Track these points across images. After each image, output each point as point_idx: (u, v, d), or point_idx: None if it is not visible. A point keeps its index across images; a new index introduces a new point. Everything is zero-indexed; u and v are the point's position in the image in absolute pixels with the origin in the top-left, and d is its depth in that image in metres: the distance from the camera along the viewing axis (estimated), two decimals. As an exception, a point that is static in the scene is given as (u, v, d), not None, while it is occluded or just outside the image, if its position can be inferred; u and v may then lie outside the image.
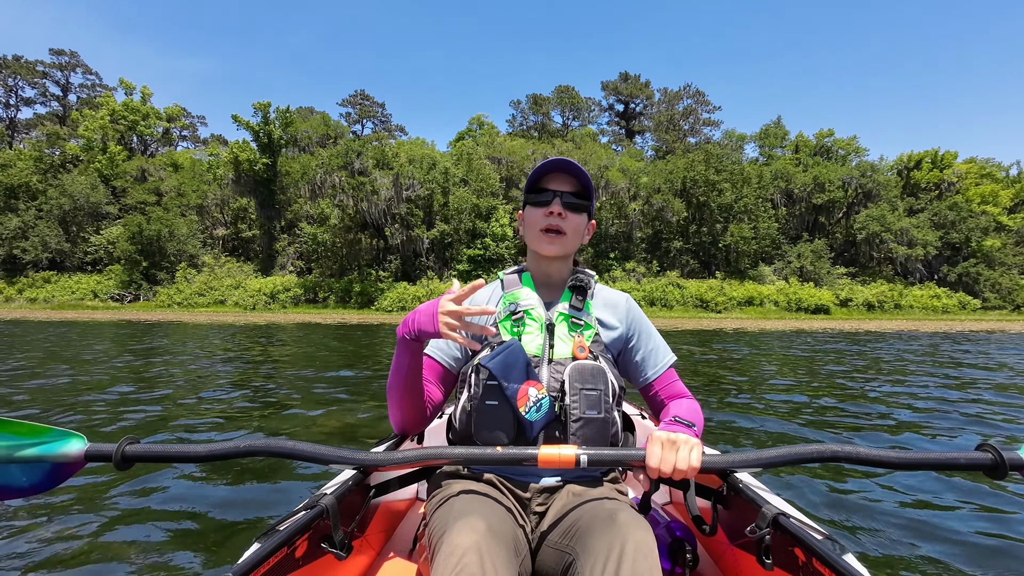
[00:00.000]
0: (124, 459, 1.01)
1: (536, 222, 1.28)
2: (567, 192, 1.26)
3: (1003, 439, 3.95)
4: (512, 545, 0.97)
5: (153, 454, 1.03)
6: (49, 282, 41.28)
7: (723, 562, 1.30)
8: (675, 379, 1.34)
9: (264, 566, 0.84)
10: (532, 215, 1.29)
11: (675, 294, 38.34)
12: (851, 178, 45.79)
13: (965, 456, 0.98)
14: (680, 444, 0.99)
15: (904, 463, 0.98)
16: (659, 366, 1.33)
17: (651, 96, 65.33)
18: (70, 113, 54.88)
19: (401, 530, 1.57)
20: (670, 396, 1.33)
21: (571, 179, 1.28)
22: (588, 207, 1.29)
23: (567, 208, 1.26)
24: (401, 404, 1.23)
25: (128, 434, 1.10)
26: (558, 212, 1.24)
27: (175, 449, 1.04)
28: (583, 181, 1.27)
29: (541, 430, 1.17)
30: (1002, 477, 0.97)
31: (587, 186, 1.27)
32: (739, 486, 1.15)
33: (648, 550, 0.89)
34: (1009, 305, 41.59)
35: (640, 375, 1.34)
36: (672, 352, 1.37)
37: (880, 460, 0.98)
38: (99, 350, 10.18)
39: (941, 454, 0.99)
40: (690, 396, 1.33)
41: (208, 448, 1.03)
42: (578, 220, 1.28)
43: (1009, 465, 0.95)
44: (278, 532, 0.90)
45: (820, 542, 0.90)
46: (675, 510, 1.74)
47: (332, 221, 39.85)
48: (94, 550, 2.03)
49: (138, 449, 1.02)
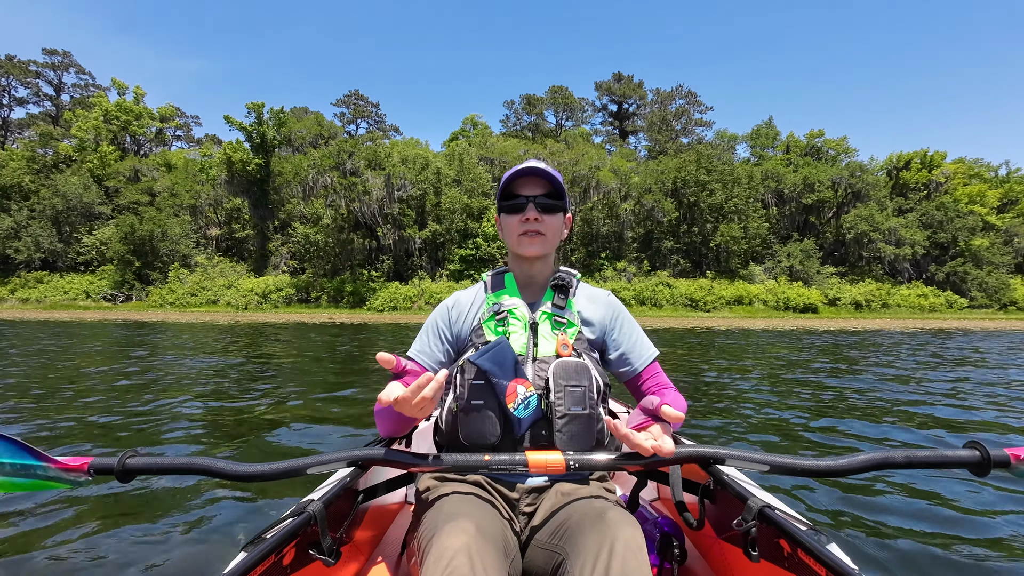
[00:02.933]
0: (125, 471, 1.01)
1: (514, 228, 1.30)
2: (540, 195, 1.28)
3: (948, 432, 4.07)
4: (502, 546, 0.97)
5: (154, 466, 1.02)
6: (42, 282, 41.32)
7: (711, 556, 1.31)
8: (658, 372, 1.36)
9: (251, 575, 0.83)
10: (508, 222, 1.31)
11: (665, 293, 38.64)
12: (841, 178, 46.20)
13: (954, 454, 0.99)
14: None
15: (893, 463, 0.98)
16: (642, 359, 1.35)
17: (644, 96, 65.63)
18: (63, 113, 54.83)
19: (390, 534, 1.56)
20: (655, 388, 1.34)
21: (542, 181, 1.29)
22: (562, 205, 1.31)
23: (542, 211, 1.28)
24: (390, 426, 1.27)
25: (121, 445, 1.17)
26: (534, 218, 1.27)
27: (173, 462, 1.03)
28: (554, 182, 1.28)
29: (528, 428, 1.18)
30: (986, 474, 0.98)
31: (558, 186, 1.29)
32: (725, 480, 1.16)
33: (637, 547, 0.90)
34: (996, 304, 42.03)
35: (624, 369, 1.36)
36: (654, 347, 1.40)
37: (869, 465, 0.98)
38: (82, 351, 10.36)
39: (930, 453, 0.99)
40: (674, 388, 1.35)
41: (206, 464, 1.02)
42: (554, 220, 1.30)
43: (994, 463, 0.97)
44: (265, 540, 0.90)
45: (805, 533, 0.92)
46: (663, 506, 1.75)
47: (325, 221, 40.02)
48: (79, 559, 2.03)
49: (139, 462, 1.02)
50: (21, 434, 3.75)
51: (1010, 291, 42.31)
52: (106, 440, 3.71)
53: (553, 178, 1.27)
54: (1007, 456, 0.97)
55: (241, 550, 0.89)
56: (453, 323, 1.34)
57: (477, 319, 1.31)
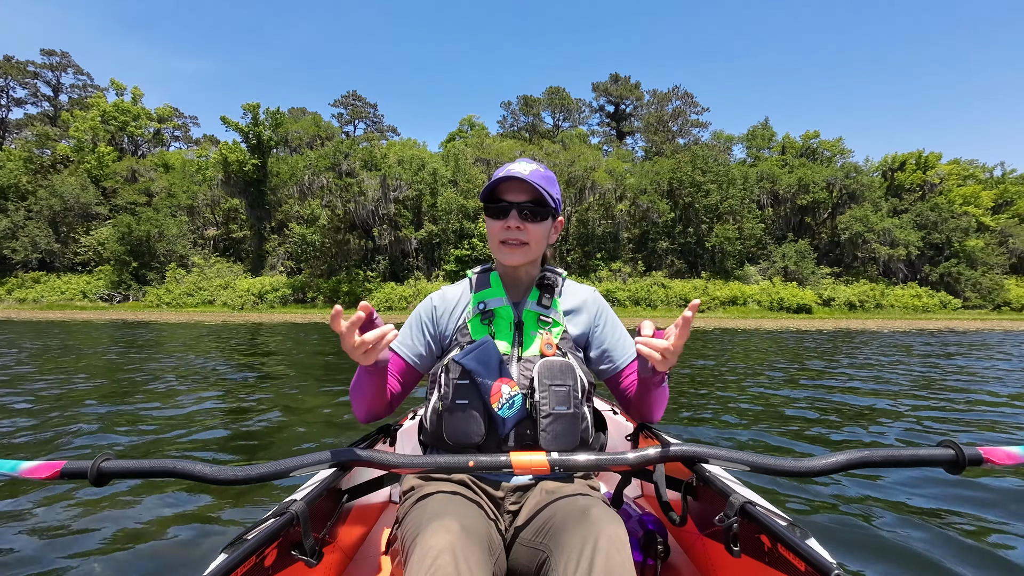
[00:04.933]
0: (100, 476, 0.98)
1: (496, 234, 1.27)
2: (524, 203, 1.24)
3: (921, 431, 4.17)
4: (486, 545, 0.97)
5: (129, 470, 1.00)
6: (39, 282, 41.42)
7: (693, 552, 1.32)
8: None
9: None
10: (491, 226, 1.28)
11: (659, 294, 38.82)
12: (836, 179, 46.38)
13: (928, 453, 1.01)
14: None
15: (870, 462, 1.00)
16: (626, 356, 1.35)
17: (641, 98, 65.82)
18: (61, 114, 54.97)
19: (374, 534, 1.55)
20: (636, 385, 1.34)
21: (528, 188, 1.24)
22: (549, 212, 1.27)
23: (525, 219, 1.24)
24: (364, 404, 1.26)
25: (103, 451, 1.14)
26: (516, 226, 1.24)
27: (150, 465, 1.01)
28: (541, 188, 1.23)
29: (512, 427, 1.18)
30: (960, 472, 1.00)
31: (546, 192, 1.24)
32: (708, 476, 1.16)
33: (620, 543, 0.90)
34: (989, 304, 42.17)
35: (606, 366, 1.36)
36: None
37: (847, 465, 1.00)
38: (60, 351, 10.48)
39: (905, 451, 1.01)
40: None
41: (185, 467, 1.00)
42: (539, 228, 1.26)
43: (968, 461, 0.99)
44: (246, 541, 0.89)
45: (785, 528, 0.93)
46: (647, 503, 1.76)
47: (321, 222, 40.17)
48: (53, 560, 2.01)
49: (114, 465, 0.99)
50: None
51: (1004, 291, 42.46)
52: (85, 444, 3.70)
53: (540, 184, 1.22)
54: (980, 455, 1.00)
55: (221, 551, 0.88)
56: (437, 320, 1.33)
57: (462, 318, 1.30)
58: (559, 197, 1.30)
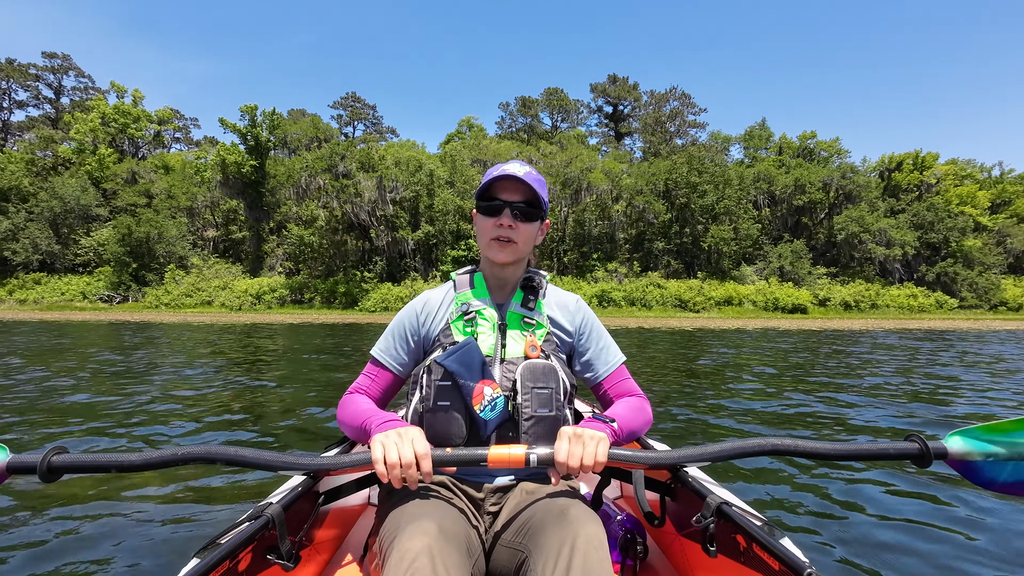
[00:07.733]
0: (50, 470, 0.93)
1: (487, 231, 1.27)
2: (517, 202, 1.25)
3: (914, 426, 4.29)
4: (465, 547, 0.98)
5: (83, 464, 0.95)
6: (39, 284, 41.74)
7: (671, 552, 1.33)
8: (625, 377, 1.36)
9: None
10: (483, 223, 1.29)
11: (655, 294, 38.89)
12: (832, 180, 46.40)
13: (895, 447, 1.03)
14: (586, 439, 1.03)
15: (840, 455, 1.03)
16: (609, 365, 1.35)
17: (639, 98, 65.88)
18: (62, 116, 55.34)
19: (352, 536, 1.53)
20: (619, 394, 1.34)
21: (522, 188, 1.26)
22: (540, 214, 1.29)
23: (517, 218, 1.25)
24: (352, 434, 1.25)
25: (56, 443, 1.09)
26: (508, 224, 1.25)
27: (107, 459, 0.96)
28: (534, 189, 1.26)
29: (494, 430, 1.18)
30: (927, 465, 1.02)
31: (538, 194, 1.26)
32: (686, 478, 1.18)
33: (599, 543, 0.92)
34: (986, 304, 42.12)
35: (590, 374, 1.36)
36: (621, 352, 1.39)
37: (817, 452, 1.03)
38: (50, 349, 10.66)
39: (873, 446, 1.03)
40: (640, 394, 1.34)
41: (143, 457, 0.96)
42: (529, 228, 1.28)
43: (934, 454, 1.02)
44: (220, 545, 0.87)
45: (759, 528, 0.95)
46: (626, 504, 1.77)
47: (320, 223, 40.40)
48: (13, 570, 1.93)
49: (66, 459, 0.94)
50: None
51: (1000, 291, 42.41)
52: (52, 438, 3.73)
53: (534, 185, 1.25)
54: (945, 448, 1.03)
55: (194, 556, 0.86)
56: (421, 325, 1.32)
57: (446, 319, 1.30)
58: (547, 200, 1.33)
